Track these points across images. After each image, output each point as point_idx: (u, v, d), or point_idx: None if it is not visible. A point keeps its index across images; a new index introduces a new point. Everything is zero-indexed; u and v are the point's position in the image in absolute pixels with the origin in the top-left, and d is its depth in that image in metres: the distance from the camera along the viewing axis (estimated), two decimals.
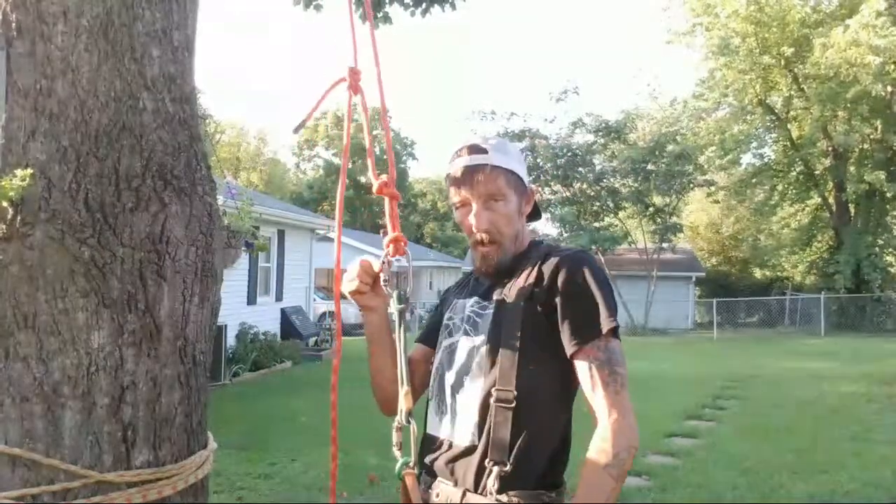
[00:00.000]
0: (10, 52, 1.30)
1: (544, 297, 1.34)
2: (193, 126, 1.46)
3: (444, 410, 1.42)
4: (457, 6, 6.30)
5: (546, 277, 1.35)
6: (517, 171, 1.44)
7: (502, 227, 1.41)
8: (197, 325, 1.41)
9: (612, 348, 1.31)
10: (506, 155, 1.43)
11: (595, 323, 1.30)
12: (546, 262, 1.38)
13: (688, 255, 27.45)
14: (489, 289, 1.46)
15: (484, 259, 1.44)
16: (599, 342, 1.30)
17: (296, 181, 46.62)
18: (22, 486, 1.23)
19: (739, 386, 9.66)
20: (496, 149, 1.43)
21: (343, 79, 1.46)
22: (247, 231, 2.35)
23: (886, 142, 20.77)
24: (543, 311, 1.33)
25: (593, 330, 1.30)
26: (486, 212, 1.41)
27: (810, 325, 21.46)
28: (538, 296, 1.34)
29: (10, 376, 1.24)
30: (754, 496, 4.64)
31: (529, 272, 1.39)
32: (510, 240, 1.43)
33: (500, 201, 1.41)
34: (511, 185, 1.42)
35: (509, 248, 1.43)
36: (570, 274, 1.33)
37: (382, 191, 1.41)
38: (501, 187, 1.40)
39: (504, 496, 1.28)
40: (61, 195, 1.26)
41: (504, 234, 1.42)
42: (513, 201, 1.43)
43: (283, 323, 13.36)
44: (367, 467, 5.17)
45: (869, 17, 18.27)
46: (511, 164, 1.43)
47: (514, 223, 1.43)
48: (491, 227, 1.41)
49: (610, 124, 23.29)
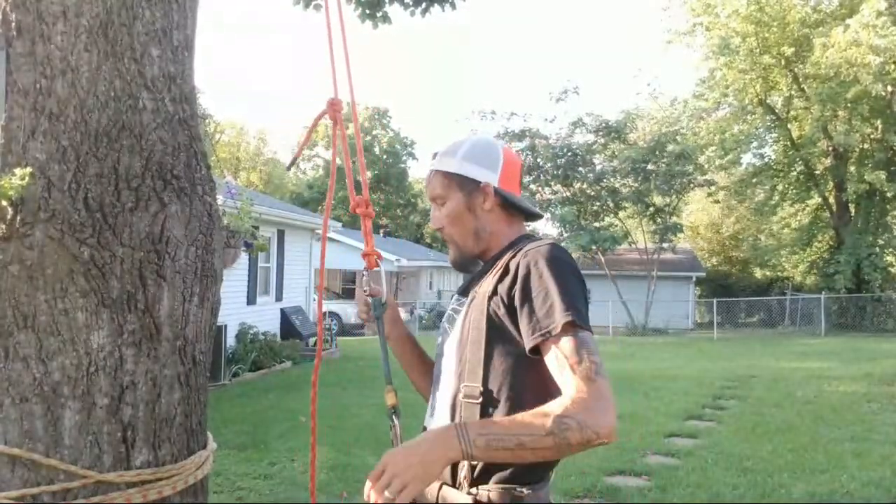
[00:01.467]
0: (10, 52, 1.30)
1: (505, 292, 1.33)
2: (193, 126, 1.46)
3: (431, 406, 1.50)
4: (457, 6, 6.30)
5: (509, 273, 1.35)
6: (459, 170, 1.48)
7: (448, 227, 1.50)
8: (197, 325, 1.41)
9: (579, 338, 1.23)
10: (451, 157, 1.50)
11: (551, 318, 1.24)
12: (511, 261, 1.38)
13: (688, 255, 27.45)
14: (467, 287, 1.51)
15: (449, 257, 1.57)
16: (559, 335, 1.23)
17: (296, 181, 46.60)
18: (22, 487, 1.23)
19: (739, 386, 9.65)
20: (444, 152, 1.52)
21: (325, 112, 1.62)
22: (246, 231, 2.35)
23: (887, 141, 20.76)
24: (506, 306, 1.32)
25: (549, 325, 1.24)
26: (435, 213, 1.53)
27: (810, 325, 21.46)
28: (500, 291, 1.34)
29: (9, 376, 1.24)
30: (754, 496, 4.64)
31: (496, 273, 1.40)
32: (462, 237, 1.50)
33: (441, 204, 1.51)
34: (449, 187, 1.49)
35: (465, 246, 1.50)
36: (526, 268, 1.31)
37: (356, 210, 1.59)
38: (437, 190, 1.50)
39: (475, 489, 1.28)
40: (61, 195, 1.26)
41: (452, 233, 1.51)
42: (454, 199, 1.48)
43: (283, 323, 13.35)
44: (367, 467, 5.17)
45: (869, 17, 18.27)
46: (452, 164, 1.49)
47: (461, 222, 1.49)
48: (440, 225, 1.52)
49: (610, 124, 23.30)
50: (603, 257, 23.74)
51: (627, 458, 5.43)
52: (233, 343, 11.00)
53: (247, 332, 11.39)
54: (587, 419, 1.15)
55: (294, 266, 14.37)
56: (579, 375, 1.19)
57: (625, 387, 8.68)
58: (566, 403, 1.17)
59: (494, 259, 1.46)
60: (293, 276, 14.30)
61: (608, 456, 5.28)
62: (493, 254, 1.49)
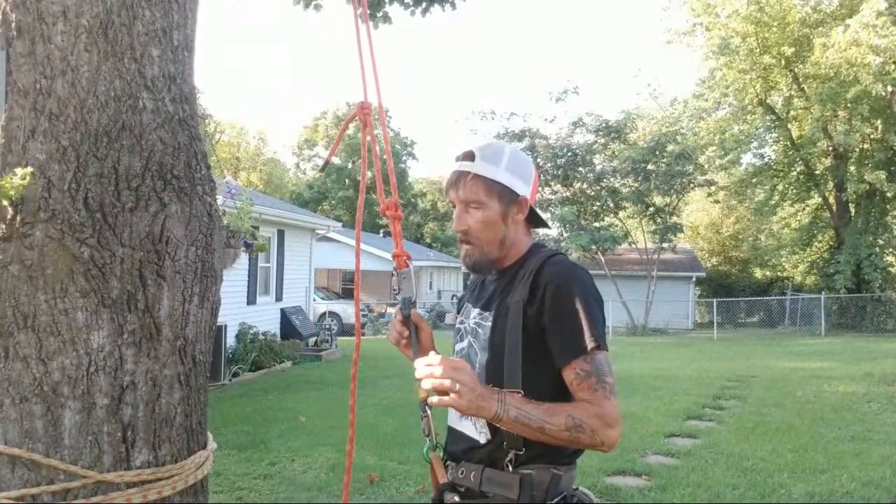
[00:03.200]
0: (10, 52, 1.30)
1: (535, 314, 1.44)
2: (193, 126, 1.46)
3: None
4: (457, 6, 6.29)
5: (538, 295, 1.45)
6: (502, 180, 1.50)
7: (477, 232, 1.52)
8: (197, 325, 1.41)
9: (597, 360, 1.39)
10: (494, 164, 1.51)
11: (580, 342, 1.39)
12: (539, 277, 1.46)
13: (688, 254, 27.45)
14: (490, 297, 1.56)
15: (465, 257, 1.57)
16: (585, 356, 1.39)
17: (296, 181, 46.59)
18: (22, 487, 1.23)
19: (739, 386, 9.65)
20: (485, 157, 1.51)
21: (355, 114, 1.63)
22: (246, 231, 2.35)
23: (887, 141, 20.73)
24: (535, 326, 1.44)
25: (578, 348, 1.39)
26: (465, 215, 1.52)
27: (810, 325, 21.46)
28: (530, 311, 1.44)
29: (9, 376, 1.24)
30: (754, 496, 4.64)
31: (524, 286, 1.47)
32: (489, 243, 1.53)
33: (478, 208, 1.51)
34: (492, 194, 1.50)
35: (489, 251, 1.53)
36: (556, 295, 1.42)
37: (385, 213, 1.60)
38: (479, 195, 1.50)
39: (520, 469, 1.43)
40: (61, 195, 1.26)
41: (480, 238, 1.52)
42: (492, 209, 1.51)
43: (283, 323, 13.36)
44: (367, 467, 5.18)
45: (869, 17, 18.26)
46: (497, 173, 1.50)
47: (493, 229, 1.52)
48: (468, 229, 1.52)
49: (610, 124, 23.29)
50: (603, 257, 23.74)
51: (627, 458, 5.43)
52: (233, 343, 11.00)
53: (247, 332, 11.39)
54: (598, 430, 1.34)
55: (294, 266, 14.37)
56: (599, 393, 1.37)
57: (625, 387, 8.68)
58: (587, 412, 1.35)
59: (515, 268, 1.54)
60: (293, 276, 14.30)
61: (608, 456, 5.28)
62: (510, 262, 1.56)
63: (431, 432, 1.50)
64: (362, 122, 1.62)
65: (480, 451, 1.48)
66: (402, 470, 5.19)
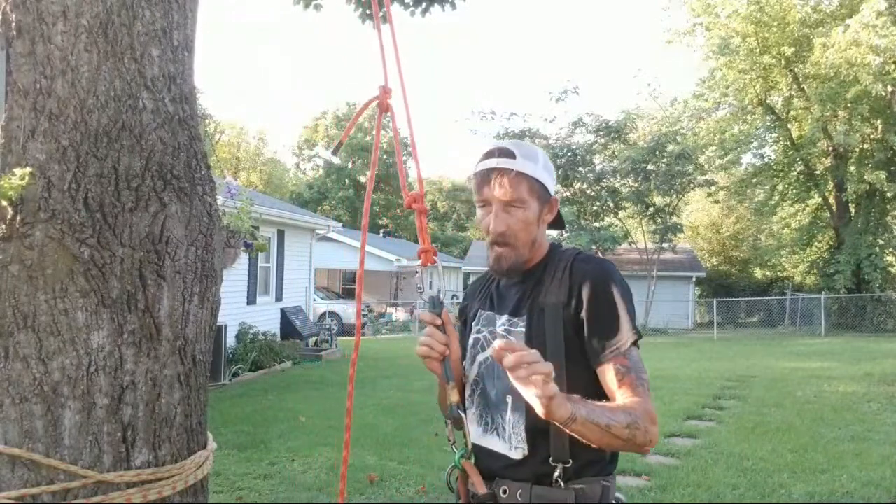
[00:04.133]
0: (10, 52, 1.30)
1: (573, 314, 1.41)
2: (193, 126, 1.45)
3: (488, 424, 1.49)
4: (457, 6, 6.29)
5: (574, 292, 1.42)
6: (542, 179, 1.46)
7: (518, 232, 1.45)
8: (197, 325, 1.41)
9: (634, 357, 1.38)
10: (534, 162, 1.46)
11: (619, 338, 1.38)
12: (574, 275, 1.43)
13: (688, 254, 27.44)
14: (518, 302, 1.50)
15: (497, 260, 1.48)
16: (624, 353, 1.37)
17: (295, 181, 46.59)
18: (22, 487, 1.23)
19: (739, 386, 9.65)
20: (525, 155, 1.45)
21: (376, 97, 1.53)
22: (246, 231, 2.35)
23: (887, 141, 20.74)
24: (573, 324, 1.41)
25: (617, 345, 1.38)
26: (504, 215, 1.45)
27: (810, 325, 21.46)
28: (568, 312, 1.41)
29: (9, 376, 1.24)
30: (754, 496, 4.64)
31: (560, 285, 1.44)
32: (525, 245, 1.47)
33: (520, 207, 1.44)
34: (533, 193, 1.45)
35: (523, 253, 1.48)
36: (594, 292, 1.40)
37: (412, 205, 1.51)
38: (522, 194, 1.44)
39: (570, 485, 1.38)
40: (61, 195, 1.26)
41: (519, 239, 1.46)
42: (532, 208, 1.46)
43: (283, 323, 13.36)
44: (367, 467, 5.18)
45: (869, 17, 18.26)
46: (537, 171, 1.45)
47: (531, 230, 1.47)
48: (507, 230, 1.45)
49: (610, 124, 23.30)
50: (603, 257, 23.72)
51: (627, 458, 5.43)
52: (233, 343, 11.00)
53: (247, 332, 11.40)
54: (649, 428, 1.32)
55: (294, 266, 14.37)
56: (640, 389, 1.36)
57: None
58: (639, 409, 1.32)
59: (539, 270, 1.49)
60: (293, 276, 14.30)
61: None
62: (532, 264, 1.51)
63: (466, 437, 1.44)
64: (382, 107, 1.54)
65: (522, 468, 1.41)
66: (402, 470, 5.19)
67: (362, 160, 42.91)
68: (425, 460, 5.47)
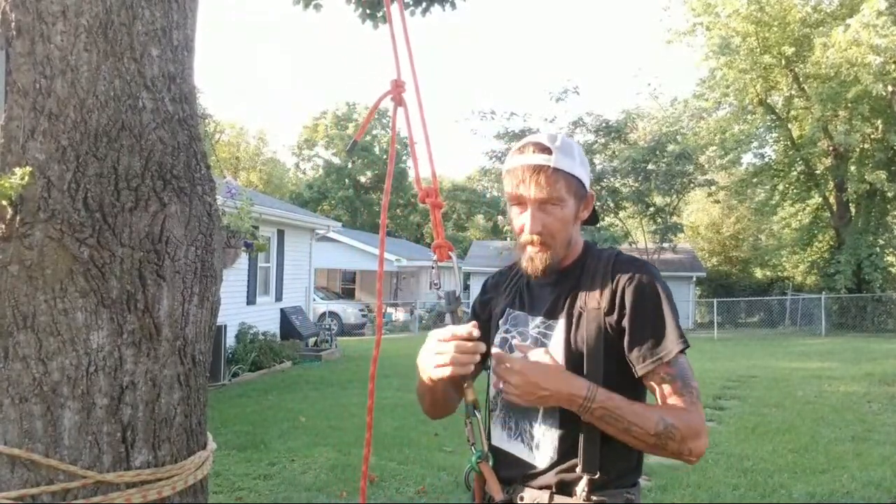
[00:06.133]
0: (9, 52, 1.29)
1: (615, 319, 1.35)
2: (193, 126, 1.45)
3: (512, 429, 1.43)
4: (457, 6, 6.29)
5: (617, 297, 1.36)
6: (580, 175, 1.40)
7: (555, 232, 1.39)
8: (196, 325, 1.40)
9: (681, 364, 1.33)
10: (571, 158, 1.39)
11: (665, 345, 1.33)
12: (616, 278, 1.37)
13: (688, 254, 27.44)
14: (554, 303, 1.43)
15: (532, 261, 1.41)
16: (672, 360, 1.32)
17: (295, 181, 46.59)
18: (21, 487, 1.22)
19: (739, 386, 9.65)
20: (562, 150, 1.38)
21: (389, 92, 1.50)
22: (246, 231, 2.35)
23: (887, 141, 20.74)
24: (615, 331, 1.35)
25: (663, 352, 1.32)
26: (541, 214, 1.38)
27: (811, 325, 21.46)
28: (610, 317, 1.36)
29: (9, 376, 1.24)
30: (754, 496, 4.64)
31: (600, 288, 1.38)
32: (561, 245, 1.41)
33: (557, 206, 1.38)
34: (571, 191, 1.38)
35: (559, 253, 1.41)
36: (637, 297, 1.35)
37: (425, 200, 1.45)
38: (560, 191, 1.37)
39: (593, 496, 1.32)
40: (60, 195, 1.26)
41: (556, 239, 1.39)
42: (570, 206, 1.39)
43: (283, 323, 13.36)
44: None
45: (869, 17, 18.26)
46: (575, 168, 1.39)
47: (568, 228, 1.40)
48: (544, 230, 1.38)
49: (610, 124, 23.31)
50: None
51: None
52: (233, 343, 11.00)
53: (247, 332, 11.40)
54: (689, 437, 1.27)
55: (294, 266, 14.37)
56: (687, 398, 1.31)
57: None
58: (679, 417, 1.28)
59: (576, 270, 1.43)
60: (293, 276, 14.30)
61: None
62: (567, 263, 1.44)
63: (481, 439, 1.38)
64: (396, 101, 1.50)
65: (544, 476, 1.36)
66: (402, 470, 5.19)
67: (362, 160, 42.89)
68: (425, 460, 5.47)
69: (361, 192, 43.06)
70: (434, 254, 1.45)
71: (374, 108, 1.55)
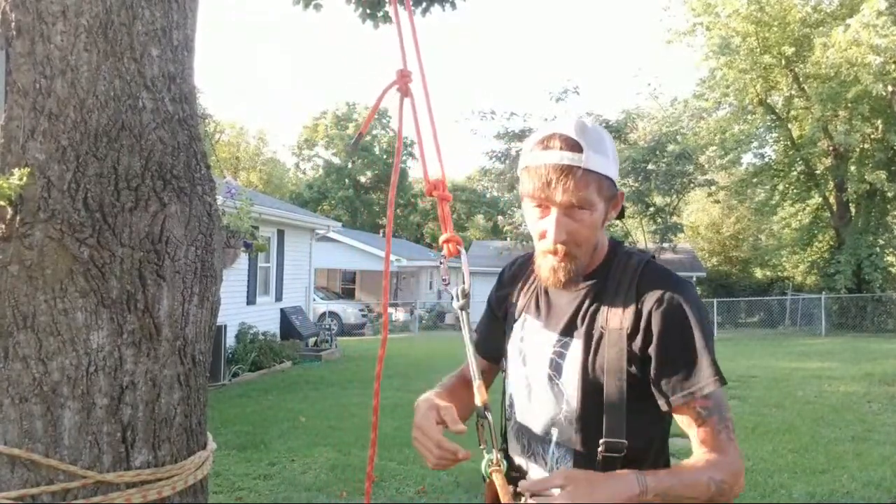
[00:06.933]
0: (9, 52, 1.29)
1: (640, 343, 1.22)
2: (193, 126, 1.45)
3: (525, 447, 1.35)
4: (457, 6, 6.28)
5: (643, 319, 1.21)
6: (611, 174, 1.24)
7: (581, 241, 1.24)
8: (196, 325, 1.40)
9: (717, 396, 1.20)
10: (603, 155, 1.22)
11: (700, 378, 1.20)
12: (642, 296, 1.23)
13: (688, 254, 27.44)
14: (572, 318, 1.29)
15: (553, 272, 1.26)
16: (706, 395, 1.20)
17: (295, 181, 46.59)
18: (21, 487, 1.22)
19: (740, 386, 9.64)
20: (593, 146, 1.20)
21: (394, 83, 1.44)
22: (246, 231, 2.35)
23: (887, 141, 20.74)
24: (639, 358, 1.22)
25: (696, 385, 1.20)
26: (567, 220, 1.21)
27: (811, 325, 21.45)
28: (635, 341, 1.22)
29: (9, 376, 1.24)
30: (754, 496, 4.63)
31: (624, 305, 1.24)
32: (587, 253, 1.27)
33: (586, 210, 1.21)
34: (602, 193, 1.22)
35: (583, 262, 1.27)
36: (668, 321, 1.20)
37: (432, 192, 1.40)
38: (591, 196, 1.20)
39: None
40: (60, 195, 1.26)
41: (581, 247, 1.25)
42: (599, 210, 1.23)
43: (283, 323, 13.36)
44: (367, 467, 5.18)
45: (869, 17, 18.26)
46: (607, 166, 1.23)
47: (596, 234, 1.26)
48: (569, 238, 1.22)
49: (610, 124, 23.31)
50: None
51: None
52: (233, 343, 11.00)
53: (247, 332, 11.40)
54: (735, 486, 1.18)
55: (294, 266, 14.37)
56: (724, 436, 1.20)
57: None
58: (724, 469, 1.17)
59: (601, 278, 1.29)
60: (293, 276, 14.30)
61: None
62: (592, 268, 1.30)
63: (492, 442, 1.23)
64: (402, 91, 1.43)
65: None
66: (402, 470, 5.19)
67: (362, 160, 42.89)
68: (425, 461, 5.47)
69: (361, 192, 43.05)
70: (442, 248, 1.37)
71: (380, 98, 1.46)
